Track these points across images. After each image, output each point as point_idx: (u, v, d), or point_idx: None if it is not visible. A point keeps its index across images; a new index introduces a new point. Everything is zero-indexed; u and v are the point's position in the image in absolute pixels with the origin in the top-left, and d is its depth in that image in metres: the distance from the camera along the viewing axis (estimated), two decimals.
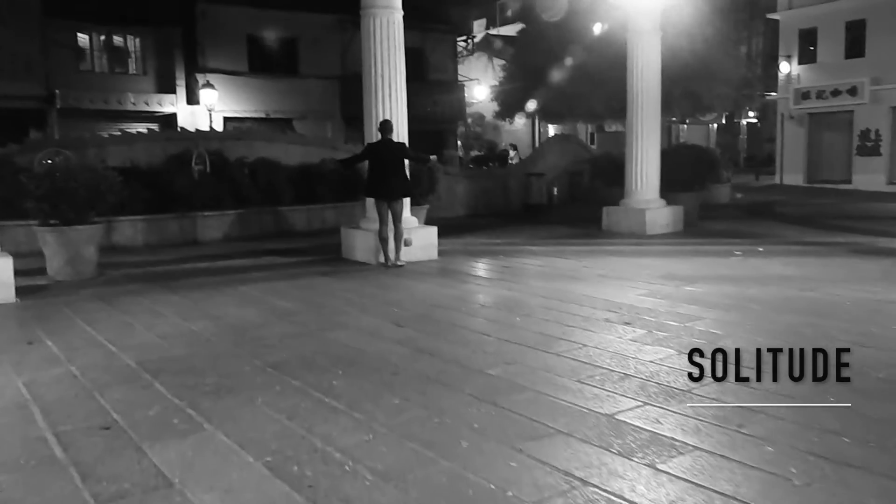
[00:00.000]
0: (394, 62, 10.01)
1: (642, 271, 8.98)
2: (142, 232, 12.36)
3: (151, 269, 9.73)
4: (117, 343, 5.80)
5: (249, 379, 4.86)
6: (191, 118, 21.78)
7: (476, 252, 11.09)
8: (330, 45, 24.54)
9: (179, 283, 8.61)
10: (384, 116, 9.91)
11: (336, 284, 8.42)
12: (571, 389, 4.56)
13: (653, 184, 13.02)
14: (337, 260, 10.39)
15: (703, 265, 9.44)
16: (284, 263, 10.19)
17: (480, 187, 17.64)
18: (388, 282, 8.58)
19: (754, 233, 12.85)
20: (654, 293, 7.58)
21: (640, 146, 12.90)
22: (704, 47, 17.51)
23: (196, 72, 22.56)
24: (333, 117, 24.81)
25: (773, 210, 17.89)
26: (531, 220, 15.75)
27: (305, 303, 7.38)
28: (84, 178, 8.45)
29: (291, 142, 15.57)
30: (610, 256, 10.35)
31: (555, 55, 17.93)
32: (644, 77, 12.82)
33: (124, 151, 13.49)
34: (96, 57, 22.15)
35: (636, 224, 12.82)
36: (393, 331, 6.18)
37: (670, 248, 11.06)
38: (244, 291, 8.01)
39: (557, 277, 8.68)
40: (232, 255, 10.97)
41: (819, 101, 29.15)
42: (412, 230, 10.11)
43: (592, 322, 6.35)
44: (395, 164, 9.52)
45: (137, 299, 7.61)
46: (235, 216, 13.32)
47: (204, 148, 13.72)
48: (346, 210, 14.81)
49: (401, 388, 4.64)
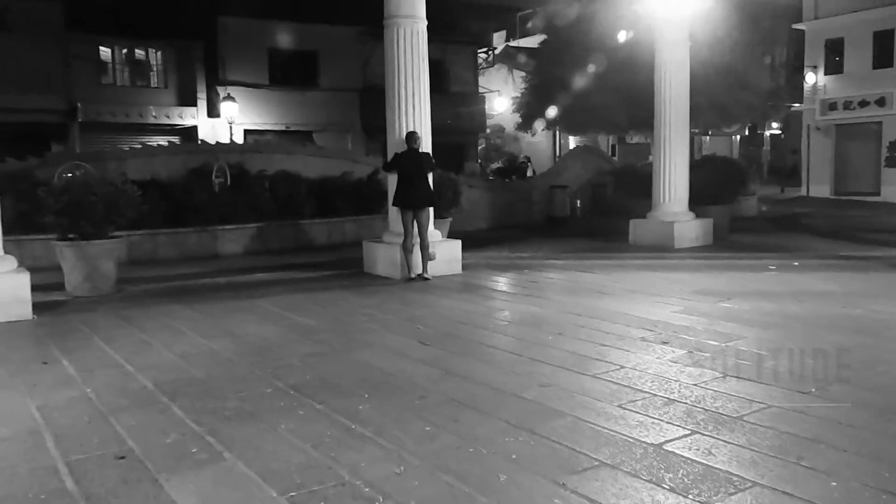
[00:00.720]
0: (417, 73, 9.81)
1: (674, 286, 8.66)
2: (161, 246, 12.22)
3: (170, 285, 9.56)
4: (134, 363, 5.60)
5: (271, 402, 4.63)
6: (211, 131, 21.76)
7: (500, 266, 10.82)
8: (350, 57, 24.46)
9: (199, 298, 8.42)
10: (408, 128, 9.72)
11: (358, 300, 8.19)
12: (613, 416, 4.28)
13: (681, 196, 12.69)
14: (358, 274, 10.17)
15: (738, 280, 9.11)
16: (305, 278, 9.98)
17: (503, 200, 17.39)
18: (412, 297, 8.33)
19: (786, 246, 12.47)
20: (690, 310, 7.27)
21: (667, 158, 12.59)
22: (731, 57, 17.18)
23: (217, 85, 22.56)
24: (353, 130, 24.69)
25: (801, 223, 17.47)
26: (555, 233, 15.46)
27: (327, 320, 7.15)
28: (103, 192, 8.30)
29: (311, 154, 15.42)
30: (639, 271, 10.04)
31: (578, 66, 17.67)
32: (672, 87, 12.52)
33: (144, 164, 13.41)
34: (118, 70, 22.22)
35: (664, 237, 12.49)
36: (419, 350, 5.93)
37: (701, 263, 10.73)
38: (264, 308, 7.80)
39: (586, 293, 8.39)
40: (252, 270, 10.79)
41: (846, 112, 28.65)
42: (436, 244, 9.87)
43: (628, 341, 6.05)
44: (421, 173, 9.36)
45: (156, 316, 7.42)
46: (255, 230, 13.17)
47: (224, 161, 13.62)
48: (366, 223, 14.62)
49: (430, 413, 4.38)
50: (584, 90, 17.72)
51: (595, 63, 16.97)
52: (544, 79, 19.94)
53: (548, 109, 19.41)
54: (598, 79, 17.31)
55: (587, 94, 17.58)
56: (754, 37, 18.43)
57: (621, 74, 16.67)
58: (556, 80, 18.67)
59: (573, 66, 17.93)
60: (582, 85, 17.63)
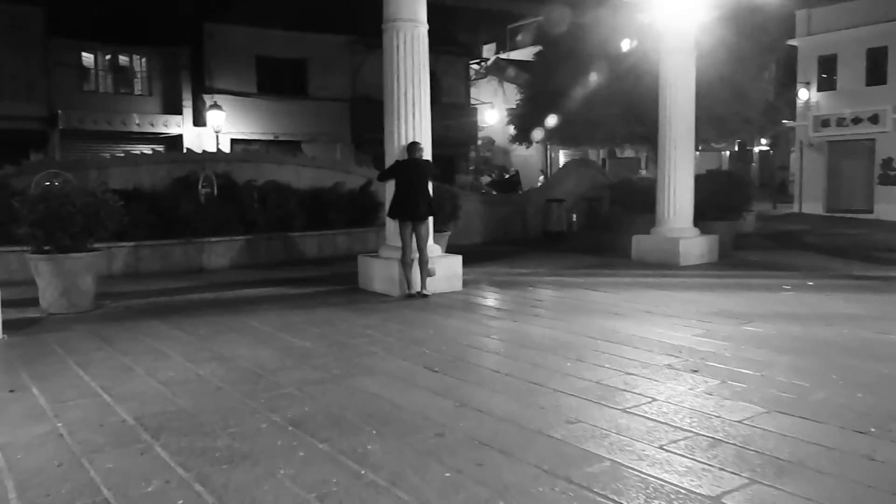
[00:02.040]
0: (418, 79, 9.35)
1: (689, 307, 8.21)
2: (144, 259, 11.63)
3: (154, 301, 8.98)
4: (113, 392, 5.04)
5: (268, 441, 4.09)
6: (197, 140, 21.17)
7: (502, 283, 10.34)
8: (340, 67, 24.01)
9: (185, 316, 7.86)
10: (407, 136, 9.26)
11: (356, 319, 7.66)
12: (656, 460, 3.78)
13: (686, 212, 12.28)
14: (353, 291, 9.65)
15: (755, 301, 8.67)
16: (297, 295, 9.44)
17: (498, 213, 16.93)
18: (413, 317, 7.82)
19: (795, 265, 12.08)
20: (712, 333, 6.81)
21: (672, 172, 12.18)
22: (729, 69, 16.85)
23: (203, 93, 21.99)
24: (343, 140, 24.20)
25: (802, 240, 17.16)
26: (553, 249, 15.00)
27: (324, 341, 6.62)
28: (82, 202, 7.74)
29: (302, 164, 14.89)
30: (648, 289, 9.59)
31: (575, 77, 17.28)
32: (677, 99, 12.15)
33: (127, 174, 12.82)
34: (101, 77, 21.59)
35: (669, 254, 12.07)
36: (427, 377, 5.41)
37: (711, 281, 10.30)
38: (256, 327, 7.25)
39: (598, 313, 7.91)
40: (241, 285, 10.23)
41: (839, 129, 28.54)
42: (436, 259, 9.38)
43: (654, 369, 5.57)
44: (422, 183, 8.92)
45: (138, 336, 6.85)
46: (244, 242, 12.61)
47: (211, 170, 13.06)
48: (359, 236, 14.13)
49: (450, 454, 3.86)
50: (581, 102, 17.31)
51: (594, 74, 16.58)
52: (539, 90, 19.54)
53: (543, 121, 18.98)
54: (596, 90, 16.93)
55: (584, 106, 17.18)
56: (752, 49, 18.12)
57: (621, 86, 16.30)
58: (552, 91, 18.27)
59: (570, 78, 17.54)
60: (579, 96, 17.23)
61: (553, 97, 18.35)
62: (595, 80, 16.98)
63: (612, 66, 16.41)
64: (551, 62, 19.07)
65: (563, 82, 17.85)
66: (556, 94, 18.11)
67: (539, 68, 20.23)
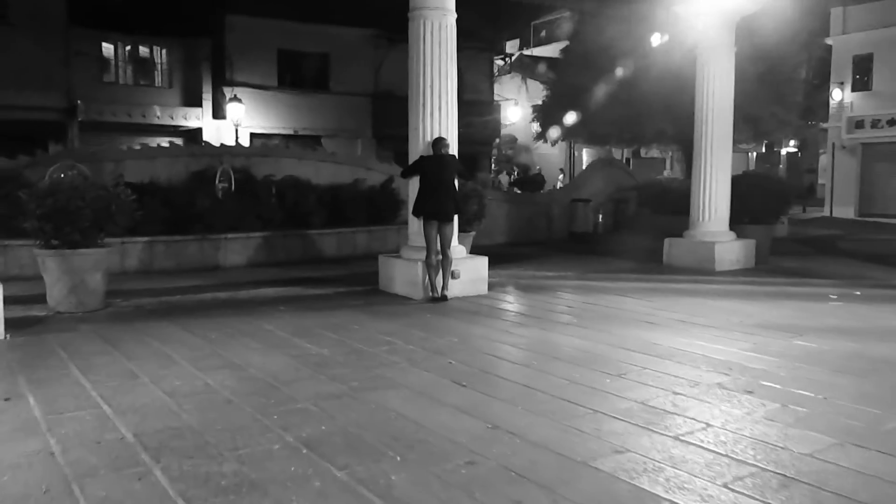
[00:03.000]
0: (444, 71, 8.90)
1: (731, 318, 7.69)
2: (158, 255, 11.28)
3: (166, 300, 8.61)
4: (114, 402, 4.63)
5: (280, 466, 3.66)
6: (216, 133, 20.85)
7: (529, 287, 9.87)
8: (362, 61, 23.60)
9: (196, 318, 7.46)
10: (433, 132, 8.82)
11: (376, 325, 7.22)
12: (723, 502, 3.30)
13: (722, 215, 11.73)
14: (373, 293, 9.22)
15: (800, 312, 8.12)
16: (314, 296, 9.02)
17: (522, 213, 16.44)
18: (436, 323, 7.36)
19: (836, 273, 11.49)
20: (761, 348, 6.30)
21: (708, 173, 11.64)
22: (765, 68, 16.26)
23: (223, 85, 21.67)
24: (364, 136, 23.81)
25: (837, 246, 16.51)
26: (579, 251, 14.49)
27: (342, 349, 6.18)
28: (92, 196, 7.36)
29: (322, 160, 14.50)
30: (683, 297, 9.07)
31: (603, 74, 16.75)
32: (715, 97, 11.60)
33: (144, 167, 12.50)
34: (121, 68, 21.34)
35: (703, 259, 11.53)
36: (454, 392, 4.96)
37: (751, 289, 9.76)
38: (270, 332, 6.83)
39: (633, 322, 7.42)
40: (256, 284, 9.84)
41: (874, 131, 27.73)
42: (460, 261, 8.92)
43: (703, 388, 5.08)
44: (448, 179, 8.48)
45: (146, 339, 6.46)
46: (261, 239, 12.22)
47: (229, 164, 12.70)
48: (378, 235, 13.71)
49: (483, 489, 3.41)
50: (609, 99, 16.78)
51: (623, 70, 16.02)
52: (566, 87, 19.01)
53: (569, 119, 18.46)
54: (625, 87, 16.38)
55: (613, 104, 16.63)
56: (790, 47, 17.49)
57: (653, 83, 15.75)
58: (579, 88, 17.74)
59: (599, 74, 17.00)
60: (608, 94, 16.68)
61: (580, 94, 17.84)
62: (625, 76, 16.43)
63: (643, 62, 15.85)
64: (579, 58, 18.55)
65: (592, 79, 17.33)
66: (584, 91, 17.60)
67: (566, 64, 19.72)
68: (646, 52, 15.63)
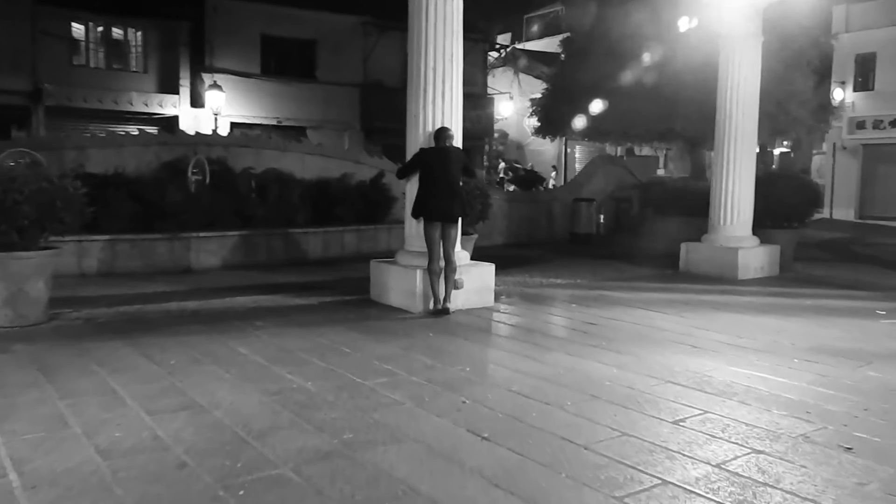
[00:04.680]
0: (450, 52, 7.80)
1: (779, 338, 6.66)
2: (122, 255, 10.09)
3: (124, 311, 7.43)
4: (27, 467, 3.49)
5: None
6: (194, 122, 19.56)
7: (539, 297, 8.81)
8: (351, 49, 22.38)
9: (156, 336, 6.31)
10: (434, 121, 7.73)
11: (370, 347, 6.11)
12: None
13: (745, 218, 10.73)
14: (365, 303, 8.11)
15: (852, 332, 7.11)
16: (298, 307, 7.89)
17: (522, 213, 15.38)
18: (441, 344, 6.26)
19: (869, 282, 10.54)
20: (830, 381, 5.26)
21: (732, 172, 10.63)
22: (780, 64, 15.25)
23: (202, 71, 20.37)
24: (352, 128, 22.60)
25: (853, 251, 15.61)
26: (584, 254, 13.44)
27: (331, 381, 5.06)
28: (33, 189, 6.18)
29: (308, 152, 13.35)
30: (716, 311, 8.03)
31: (608, 67, 15.67)
32: (740, 91, 10.58)
33: (110, 156, 11.30)
34: (92, 50, 19.94)
35: (725, 266, 10.52)
36: (475, 449, 3.86)
37: (785, 302, 8.75)
38: (243, 356, 5.70)
39: (670, 345, 6.36)
40: (231, 291, 8.69)
41: (875, 132, 26.97)
42: (464, 268, 7.83)
43: (788, 443, 4.02)
44: (454, 176, 7.38)
45: (91, 367, 5.30)
46: (238, 239, 11.06)
47: (204, 155, 11.53)
48: (368, 235, 12.61)
49: None
50: (615, 94, 15.72)
51: (631, 63, 14.97)
52: (567, 81, 17.92)
53: (570, 114, 17.39)
54: (633, 82, 15.32)
55: (619, 99, 15.58)
56: (804, 42, 16.53)
57: (662, 77, 14.71)
58: (582, 82, 16.66)
59: (603, 67, 15.92)
60: (613, 88, 15.62)
61: (583, 88, 16.78)
62: (633, 70, 15.38)
63: (654, 54, 14.81)
64: (581, 50, 17.48)
65: (596, 72, 16.26)
66: (587, 85, 16.53)
67: (567, 57, 18.63)
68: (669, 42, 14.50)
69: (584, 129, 17.18)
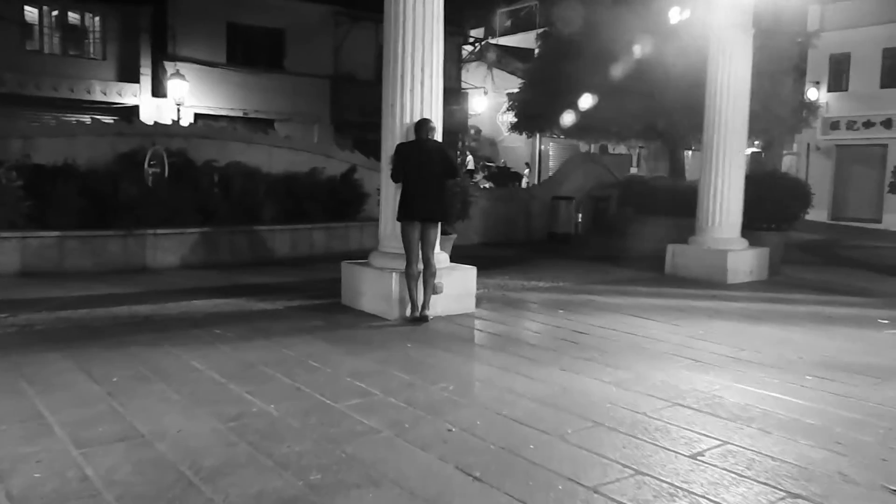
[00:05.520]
0: (430, 36, 7.18)
1: (784, 351, 6.18)
2: (71, 253, 9.31)
3: (67, 317, 6.70)
4: None
5: None
6: (156, 113, 18.64)
7: (523, 302, 8.25)
8: (321, 40, 21.61)
9: (100, 347, 5.62)
10: (413, 112, 7.13)
11: (342, 360, 5.49)
12: None
13: (734, 220, 10.29)
14: (335, 308, 7.47)
15: (858, 343, 6.67)
16: (262, 312, 7.22)
17: (499, 211, 14.82)
18: (422, 358, 5.66)
19: (862, 287, 10.18)
20: (852, 404, 4.77)
21: (721, 171, 10.17)
22: (763, 61, 14.90)
23: (165, 59, 19.43)
24: (321, 121, 21.82)
25: (838, 254, 15.34)
26: (565, 254, 12.92)
27: (297, 403, 4.44)
28: None
29: (276, 145, 12.63)
30: (711, 319, 7.55)
31: (592, 61, 15.16)
32: (731, 85, 10.12)
33: (60, 146, 10.49)
34: (46, 36, 18.90)
35: (714, 269, 10.07)
36: (467, 493, 3.28)
37: (781, 309, 8.29)
38: (198, 372, 5.04)
39: (672, 358, 5.83)
40: (189, 294, 7.99)
41: (849, 133, 26.98)
42: (443, 271, 7.23)
43: (825, 483, 3.49)
44: (436, 173, 6.78)
45: (19, 384, 4.60)
46: (199, 236, 10.33)
47: (163, 146, 10.77)
48: (338, 232, 11.97)
49: None
50: (597, 90, 15.23)
51: (617, 58, 14.47)
52: (546, 76, 17.38)
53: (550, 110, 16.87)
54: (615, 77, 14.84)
55: (602, 95, 15.10)
56: (784, 40, 16.24)
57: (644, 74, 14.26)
58: (564, 76, 16.15)
59: (585, 62, 15.41)
60: (595, 83, 15.13)
61: (563, 83, 16.27)
62: (615, 65, 14.89)
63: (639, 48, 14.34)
64: (562, 43, 16.95)
65: (576, 66, 15.75)
66: (567, 80, 16.02)
67: (546, 50, 18.11)
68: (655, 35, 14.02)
69: (564, 126, 16.67)
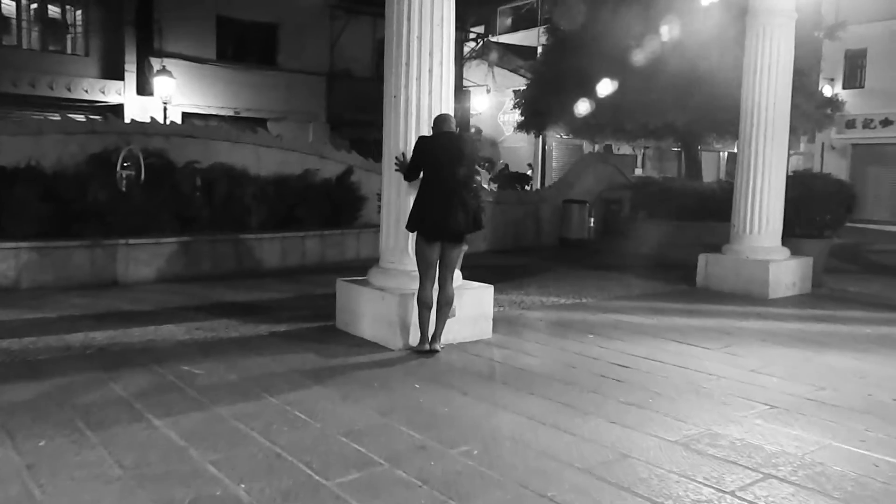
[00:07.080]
0: (439, 17, 6.13)
1: (866, 388, 5.14)
2: (31, 267, 8.22)
3: (6, 347, 5.61)
4: None
5: None
6: (141, 111, 17.47)
7: (543, 324, 7.19)
8: (316, 35, 20.58)
9: (34, 391, 4.54)
10: (420, 104, 6.11)
11: (335, 410, 4.42)
12: None
13: (775, 227, 9.25)
14: (329, 333, 6.41)
15: None
16: (242, 342, 6.13)
17: (508, 216, 13.76)
18: (434, 406, 4.58)
19: None
20: None
21: (760, 173, 9.13)
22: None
23: (151, 55, 18.36)
24: (317, 120, 20.79)
25: (871, 259, 14.32)
26: (580, 262, 11.86)
27: (275, 482, 3.37)
28: None
29: (265, 145, 11.56)
30: (766, 345, 6.49)
31: (603, 56, 14.16)
32: (770, 79, 9.07)
33: (24, 145, 9.41)
34: (24, 29, 17.85)
35: (753, 282, 9.02)
36: None
37: (840, 330, 7.23)
38: (152, 430, 3.96)
39: (736, 402, 4.78)
40: (159, 316, 6.91)
41: (866, 131, 26.01)
42: (456, 291, 6.14)
43: None
44: (465, 175, 5.61)
45: None
46: (178, 246, 9.25)
47: (140, 146, 9.72)
48: (334, 240, 10.95)
49: None
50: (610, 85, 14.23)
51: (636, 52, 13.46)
52: (554, 70, 16.38)
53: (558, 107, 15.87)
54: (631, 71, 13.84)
55: (616, 90, 14.08)
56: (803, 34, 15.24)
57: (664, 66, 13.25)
58: (573, 72, 15.15)
59: (597, 57, 14.42)
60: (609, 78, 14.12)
61: (572, 78, 15.27)
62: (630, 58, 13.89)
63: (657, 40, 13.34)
64: (570, 36, 15.95)
65: (587, 60, 14.75)
66: (577, 75, 15.03)
67: (554, 44, 17.10)
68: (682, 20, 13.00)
69: (573, 124, 15.66)
